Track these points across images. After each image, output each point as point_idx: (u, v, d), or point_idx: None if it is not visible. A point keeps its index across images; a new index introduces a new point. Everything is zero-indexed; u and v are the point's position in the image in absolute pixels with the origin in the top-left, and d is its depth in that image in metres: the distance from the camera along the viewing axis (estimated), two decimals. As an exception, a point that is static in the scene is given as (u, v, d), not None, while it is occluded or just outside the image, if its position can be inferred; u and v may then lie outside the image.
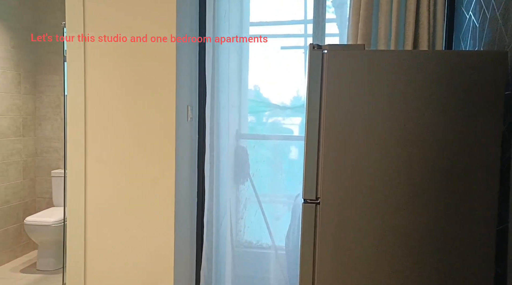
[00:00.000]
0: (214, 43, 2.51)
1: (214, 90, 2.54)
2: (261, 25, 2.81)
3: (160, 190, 2.16)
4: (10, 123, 3.76)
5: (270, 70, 2.73)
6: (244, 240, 2.87)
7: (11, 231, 3.80)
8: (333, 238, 1.50)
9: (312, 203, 1.49)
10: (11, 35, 3.74)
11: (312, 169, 1.47)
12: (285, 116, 2.75)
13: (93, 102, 2.16)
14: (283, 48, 2.77)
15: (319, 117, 1.47)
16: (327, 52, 1.46)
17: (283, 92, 2.72)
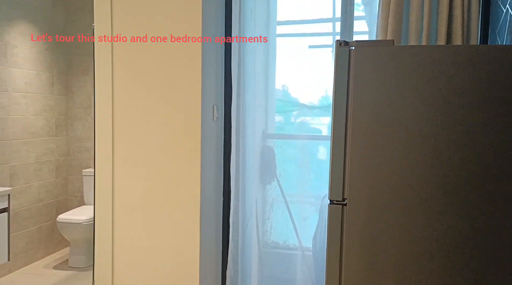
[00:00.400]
0: (240, 42, 2.49)
1: (240, 89, 2.52)
2: (288, 24, 2.78)
3: (186, 190, 2.16)
4: (44, 123, 3.87)
5: (298, 69, 2.69)
6: (271, 240, 2.85)
7: (44, 229, 3.91)
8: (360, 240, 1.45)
9: (339, 204, 1.44)
10: (46, 37, 3.85)
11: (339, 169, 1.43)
12: (314, 116, 2.71)
13: (120, 102, 2.18)
14: (311, 47, 2.74)
15: (345, 116, 1.42)
16: (355, 48, 1.41)
17: (311, 92, 2.69)
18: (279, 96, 2.76)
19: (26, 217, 3.69)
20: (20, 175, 3.60)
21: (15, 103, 3.54)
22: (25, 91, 3.64)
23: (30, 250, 3.74)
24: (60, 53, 4.05)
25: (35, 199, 3.79)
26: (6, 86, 3.44)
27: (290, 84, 2.74)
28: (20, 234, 3.61)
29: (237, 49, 2.48)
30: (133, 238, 2.20)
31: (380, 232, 1.45)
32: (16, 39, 3.54)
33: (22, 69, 3.61)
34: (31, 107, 3.71)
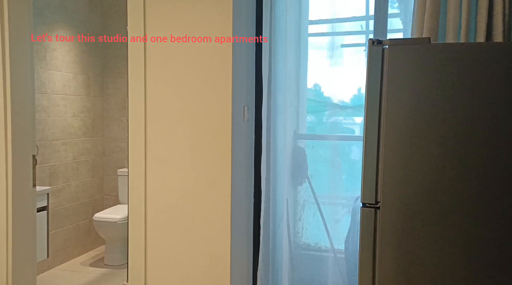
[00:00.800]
0: (270, 42, 2.48)
1: (270, 89, 2.51)
2: (320, 23, 2.75)
3: (217, 191, 2.16)
4: (81, 124, 3.99)
5: (330, 69, 2.66)
6: (302, 242, 2.82)
7: (81, 226, 4.03)
8: (394, 245, 1.40)
9: (372, 207, 1.40)
10: (82, 42, 3.96)
11: (371, 171, 1.39)
12: (346, 116, 2.67)
13: (152, 103, 2.21)
14: (343, 46, 2.69)
15: (378, 117, 1.38)
16: (388, 47, 1.37)
17: (343, 91, 2.65)
18: (311, 96, 2.73)
19: (65, 215, 3.81)
20: (59, 174, 3.73)
21: (54, 105, 3.66)
22: (63, 93, 3.76)
23: (68, 247, 3.86)
24: (96, 56, 4.17)
25: (73, 198, 3.91)
26: (45, 89, 3.56)
27: (322, 83, 2.71)
28: (58, 232, 3.73)
29: (268, 49, 2.47)
30: (165, 238, 2.23)
31: (414, 237, 1.40)
32: (56, 43, 3.66)
33: (60, 72, 3.73)
34: (69, 109, 3.83)
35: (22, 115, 2.40)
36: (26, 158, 2.42)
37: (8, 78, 2.31)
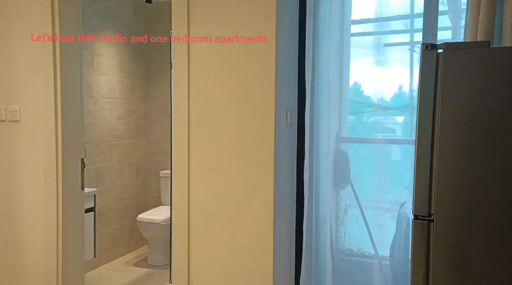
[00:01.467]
0: (314, 44, 2.44)
1: (314, 93, 2.47)
2: (363, 22, 2.69)
3: (259, 196, 2.15)
4: (125, 127, 4.09)
5: (371, 68, 2.60)
6: (344, 247, 2.77)
7: (126, 227, 4.13)
8: (449, 260, 1.33)
9: (425, 220, 1.34)
10: (127, 46, 4.07)
11: (424, 182, 1.33)
12: (387, 116, 2.59)
13: (196, 108, 2.22)
14: (386, 45, 2.62)
15: (432, 124, 1.32)
16: (443, 51, 1.30)
17: (385, 91, 2.58)
18: (352, 96, 2.68)
19: (110, 215, 3.92)
20: (104, 176, 3.84)
21: (101, 109, 3.78)
22: (109, 97, 3.87)
23: (113, 247, 3.97)
24: (140, 60, 4.26)
25: (118, 199, 4.02)
26: (92, 93, 3.68)
27: (363, 83, 2.65)
28: (104, 232, 3.85)
29: (311, 52, 2.43)
30: (208, 242, 2.24)
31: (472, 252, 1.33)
32: (102, 48, 3.78)
33: (106, 76, 3.84)
34: (114, 112, 3.94)
35: (72, 121, 2.48)
36: (75, 161, 2.50)
37: (59, 85, 2.39)
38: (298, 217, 2.52)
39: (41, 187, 2.44)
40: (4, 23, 2.47)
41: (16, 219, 2.50)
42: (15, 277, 2.53)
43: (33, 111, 2.43)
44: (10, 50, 2.46)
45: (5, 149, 2.50)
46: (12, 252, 2.53)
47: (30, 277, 2.51)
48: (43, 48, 2.39)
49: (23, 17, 2.43)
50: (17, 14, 2.44)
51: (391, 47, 2.63)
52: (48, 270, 2.45)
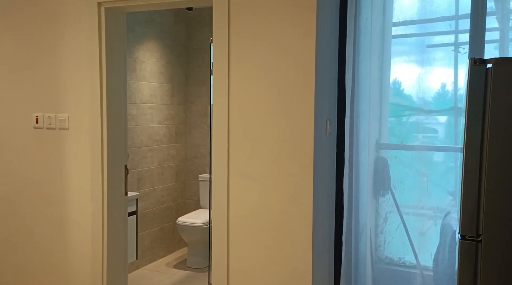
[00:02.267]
0: (354, 48, 2.41)
1: (354, 101, 2.44)
2: (404, 24, 2.64)
3: (298, 206, 2.14)
4: (166, 131, 4.19)
5: (414, 70, 2.55)
6: (384, 256, 2.71)
7: (166, 229, 4.23)
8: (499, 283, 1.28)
9: (472, 241, 1.29)
10: (167, 52, 4.16)
11: (472, 202, 1.28)
12: (428, 116, 2.53)
13: (235, 115, 2.24)
14: (429, 47, 2.56)
15: (481, 143, 1.27)
16: (493, 67, 1.25)
17: (427, 93, 2.53)
18: (392, 100, 2.63)
19: (151, 218, 4.03)
20: (146, 179, 3.95)
21: (142, 114, 3.88)
22: (150, 102, 3.98)
23: (154, 249, 4.07)
24: (180, 65, 4.35)
25: (158, 202, 4.12)
26: (135, 98, 3.79)
27: (405, 86, 2.60)
28: (145, 234, 3.95)
29: (351, 59, 2.41)
30: (247, 249, 2.26)
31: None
32: (144, 55, 3.88)
33: (148, 82, 3.95)
34: (155, 117, 4.04)
35: (117, 128, 2.56)
36: (119, 168, 2.59)
37: (104, 94, 2.48)
38: (337, 227, 2.50)
39: (87, 192, 2.54)
40: (54, 36, 2.58)
41: (64, 222, 2.62)
42: (63, 277, 2.65)
43: (81, 120, 2.54)
44: (59, 61, 2.58)
45: (55, 156, 2.62)
46: (60, 253, 2.64)
47: (76, 277, 2.62)
48: (90, 58, 2.48)
49: (71, 29, 2.53)
50: (66, 26, 2.55)
51: (434, 49, 2.57)
52: (94, 271, 2.55)
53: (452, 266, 2.37)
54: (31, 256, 2.73)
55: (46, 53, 2.61)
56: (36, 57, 2.64)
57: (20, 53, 2.68)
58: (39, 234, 2.70)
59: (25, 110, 2.68)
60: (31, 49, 2.65)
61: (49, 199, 2.65)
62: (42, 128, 2.63)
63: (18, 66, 2.69)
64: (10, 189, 2.76)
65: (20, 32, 2.68)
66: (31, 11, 2.64)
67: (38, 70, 2.64)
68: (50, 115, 2.60)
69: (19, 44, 2.68)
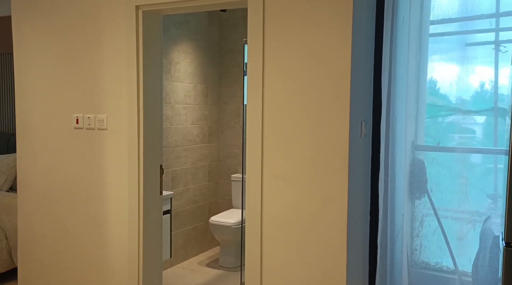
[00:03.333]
0: (391, 48, 2.36)
1: (390, 101, 2.39)
2: (442, 22, 2.57)
3: (332, 208, 2.12)
4: (199, 131, 4.23)
5: (452, 69, 2.48)
6: (420, 260, 2.65)
7: (198, 228, 4.28)
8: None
9: (517, 248, 1.25)
10: (201, 53, 4.21)
11: (517, 207, 1.24)
12: (465, 115, 2.45)
13: (269, 116, 2.24)
14: (468, 45, 2.48)
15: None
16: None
17: (466, 93, 2.46)
18: (429, 100, 2.57)
19: (184, 217, 4.08)
20: (179, 178, 4.01)
21: (177, 114, 3.94)
22: (184, 103, 4.03)
23: (187, 247, 4.13)
24: (214, 66, 4.39)
25: (192, 201, 4.18)
26: (169, 99, 3.85)
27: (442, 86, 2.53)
28: (179, 232, 4.01)
29: (388, 59, 2.36)
30: (280, 250, 2.25)
31: None
32: (179, 56, 3.94)
33: (182, 83, 4.01)
34: (189, 117, 4.09)
35: (153, 129, 2.61)
36: (155, 168, 2.64)
37: (141, 95, 2.53)
38: (372, 231, 2.46)
39: (124, 191, 2.60)
40: (93, 38, 2.66)
41: (102, 220, 2.69)
42: (100, 274, 2.73)
43: (118, 120, 2.60)
44: (98, 63, 2.65)
45: (94, 155, 2.69)
46: (98, 250, 2.72)
47: (114, 274, 2.68)
48: (128, 60, 2.54)
49: (110, 31, 2.60)
50: (105, 29, 2.62)
51: (474, 47, 2.49)
52: (131, 268, 2.61)
53: (494, 273, 2.29)
54: (70, 252, 2.82)
55: (86, 56, 2.68)
56: (76, 59, 2.72)
57: (61, 56, 2.77)
58: (78, 231, 2.78)
59: (66, 111, 2.77)
60: (72, 52, 2.73)
61: (87, 197, 2.73)
62: (82, 128, 2.72)
63: (60, 68, 2.78)
64: (51, 187, 2.86)
65: (60, 36, 2.77)
66: (71, 15, 2.72)
67: (78, 72, 2.72)
68: (89, 116, 2.68)
69: (60, 48, 2.77)
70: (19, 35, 2.92)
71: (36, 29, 2.85)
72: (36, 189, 2.91)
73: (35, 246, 2.95)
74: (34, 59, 2.87)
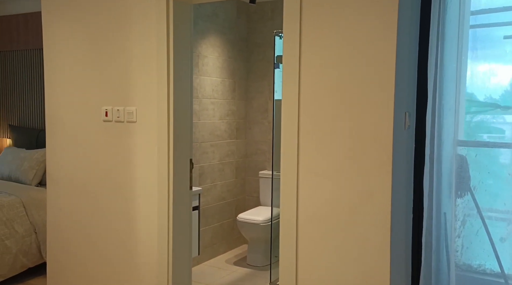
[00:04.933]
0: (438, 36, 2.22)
1: (436, 92, 2.24)
2: (482, 13, 2.41)
3: (374, 205, 2.00)
4: (226, 127, 4.15)
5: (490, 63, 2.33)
6: (462, 262, 2.51)
7: (226, 225, 4.20)
8: None
9: None
10: (229, 47, 4.12)
11: None
12: (495, 114, 2.36)
13: (306, 109, 2.14)
14: (506, 38, 2.32)
15: None
16: None
17: (495, 88, 2.32)
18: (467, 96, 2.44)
19: (212, 213, 4.01)
20: (207, 174, 3.93)
21: (204, 109, 3.87)
22: (212, 98, 3.96)
23: (215, 245, 4.05)
24: (241, 60, 4.30)
25: (219, 198, 4.10)
26: (197, 94, 3.78)
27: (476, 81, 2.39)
28: (206, 229, 3.94)
29: (435, 45, 2.21)
30: (317, 249, 2.14)
31: None
32: (207, 50, 3.86)
33: (210, 77, 3.93)
34: (216, 112, 4.01)
35: (182, 122, 2.54)
36: (185, 162, 2.56)
37: (171, 87, 2.46)
38: (415, 229, 2.32)
39: (154, 185, 2.53)
40: (123, 30, 2.60)
41: (131, 214, 2.63)
42: (129, 269, 2.67)
43: (148, 113, 2.53)
44: (128, 55, 2.59)
45: (123, 149, 2.64)
46: (127, 246, 2.66)
47: (143, 269, 2.62)
48: (158, 52, 2.47)
49: (140, 23, 2.54)
50: (135, 20, 2.55)
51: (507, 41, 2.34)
52: (160, 264, 2.54)
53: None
54: (99, 248, 2.78)
55: (116, 48, 2.63)
56: (105, 51, 2.67)
57: (90, 48, 2.73)
58: (107, 226, 2.73)
59: (95, 104, 2.73)
60: (101, 44, 2.69)
61: (117, 191, 2.68)
62: (111, 121, 2.66)
63: (89, 60, 2.74)
64: (80, 181, 2.82)
65: (89, 29, 2.72)
66: (101, 7, 2.67)
67: (107, 64, 2.67)
68: (118, 108, 2.62)
69: (89, 40, 2.73)
70: (49, 30, 2.90)
71: (65, 24, 2.82)
72: (64, 183, 2.88)
73: (63, 241, 2.92)
74: (63, 53, 2.84)
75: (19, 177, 4.01)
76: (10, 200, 3.46)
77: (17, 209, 3.46)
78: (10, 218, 3.38)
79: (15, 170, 4.04)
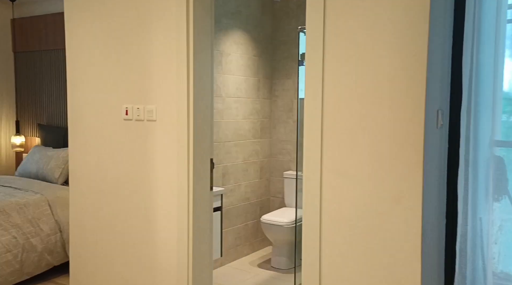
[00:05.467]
0: (474, 30, 2.07)
1: (472, 89, 2.09)
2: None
3: (403, 209, 1.87)
4: (250, 126, 4.07)
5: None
6: (499, 270, 2.35)
7: (250, 226, 4.12)
8: None
9: None
10: (253, 45, 4.04)
11: None
12: None
13: (330, 108, 2.03)
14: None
15: None
16: None
17: None
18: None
19: (235, 214, 3.94)
20: (230, 174, 3.86)
21: (228, 108, 3.80)
22: (235, 96, 3.88)
23: (238, 246, 3.98)
24: (266, 58, 4.21)
25: (243, 198, 4.02)
26: (220, 92, 3.72)
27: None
28: (229, 231, 3.87)
29: (470, 38, 2.06)
30: (341, 254, 2.03)
31: None
32: (230, 48, 3.80)
33: (234, 76, 3.86)
34: (240, 111, 3.94)
35: (203, 121, 2.47)
36: (205, 161, 2.49)
37: (191, 86, 2.39)
38: (449, 235, 2.18)
39: (174, 185, 2.48)
40: (143, 28, 2.56)
41: (151, 214, 2.59)
42: (149, 270, 2.63)
43: (168, 112, 2.48)
44: (148, 53, 2.54)
45: (143, 148, 2.60)
46: (147, 246, 2.62)
47: (163, 270, 2.57)
48: (178, 50, 2.41)
49: (160, 20, 2.49)
50: (155, 18, 2.51)
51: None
52: (180, 266, 2.49)
53: None
54: (119, 247, 2.75)
55: (136, 45, 2.59)
56: (126, 49, 2.64)
57: (111, 46, 2.70)
58: (127, 225, 2.70)
59: (116, 102, 2.70)
60: (121, 43, 2.66)
61: (136, 190, 2.64)
62: (131, 120, 2.63)
63: (110, 59, 2.72)
64: (100, 180, 2.80)
65: (111, 26, 2.70)
66: (122, 5, 2.64)
67: (127, 62, 2.63)
68: (138, 107, 2.58)
69: (109, 39, 2.71)
70: (71, 30, 2.90)
71: (86, 23, 2.81)
72: (86, 182, 2.87)
73: (85, 240, 2.91)
74: (84, 53, 2.83)
75: (45, 175, 4.06)
76: (36, 199, 3.50)
77: (42, 207, 3.49)
78: (36, 216, 3.41)
79: (42, 168, 4.09)
